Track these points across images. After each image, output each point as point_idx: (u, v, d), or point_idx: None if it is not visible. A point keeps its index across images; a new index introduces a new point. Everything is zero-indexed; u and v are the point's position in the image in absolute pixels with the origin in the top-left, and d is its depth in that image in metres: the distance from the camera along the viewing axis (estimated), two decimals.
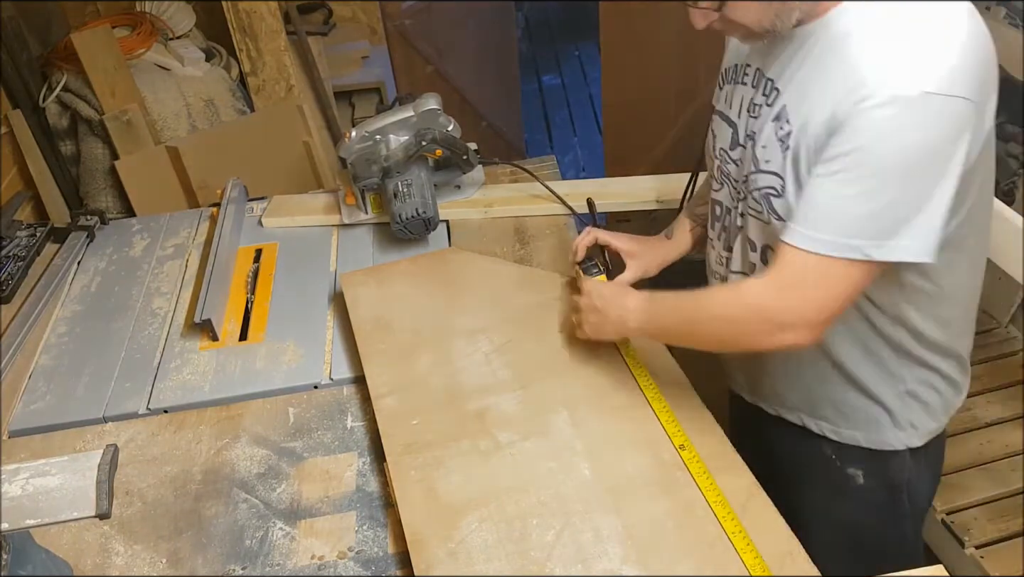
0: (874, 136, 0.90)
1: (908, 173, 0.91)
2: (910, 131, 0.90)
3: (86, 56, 2.21)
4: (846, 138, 0.92)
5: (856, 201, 0.92)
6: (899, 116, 0.89)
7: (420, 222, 1.57)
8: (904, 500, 1.24)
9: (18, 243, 1.75)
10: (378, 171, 1.60)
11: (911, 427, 1.19)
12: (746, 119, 1.10)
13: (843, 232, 0.93)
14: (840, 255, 0.94)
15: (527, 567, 1.01)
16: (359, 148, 1.60)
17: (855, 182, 0.92)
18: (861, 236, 0.93)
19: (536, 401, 1.23)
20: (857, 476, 1.23)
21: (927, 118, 0.89)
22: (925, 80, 0.88)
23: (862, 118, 0.90)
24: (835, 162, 0.93)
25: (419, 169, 1.60)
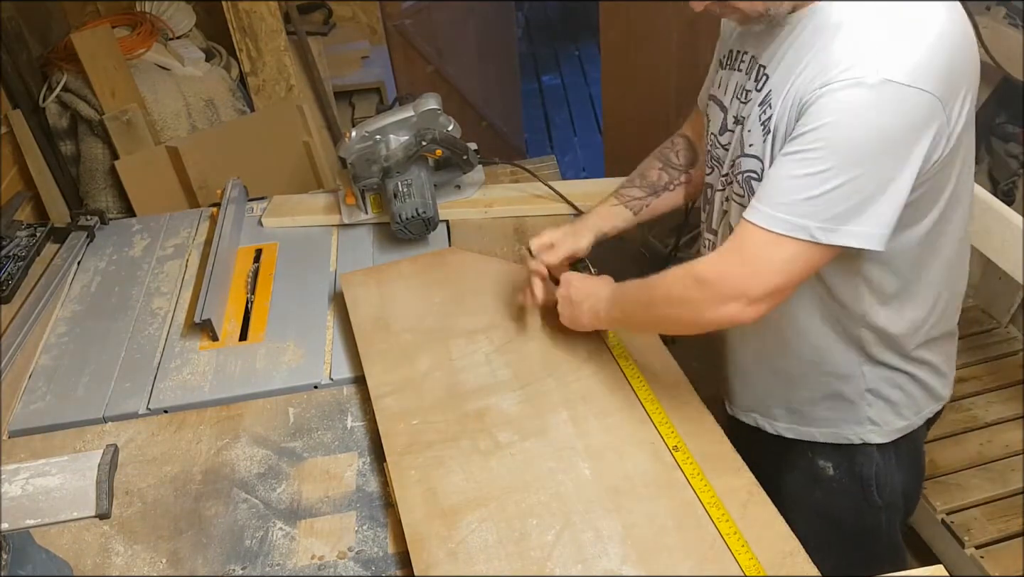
0: (832, 119, 0.92)
1: (863, 158, 0.92)
2: (867, 116, 0.91)
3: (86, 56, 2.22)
4: (808, 120, 0.94)
5: (809, 181, 0.93)
6: (858, 100, 0.91)
7: (420, 222, 1.57)
8: (874, 493, 1.26)
9: (18, 243, 1.75)
10: (378, 171, 1.60)
11: (871, 423, 1.21)
12: (736, 104, 1.12)
13: (793, 211, 0.94)
14: (788, 233, 0.95)
15: (527, 567, 1.01)
16: (359, 148, 1.60)
17: (811, 163, 0.93)
18: (811, 217, 0.94)
19: (536, 401, 1.23)
20: (827, 468, 1.26)
21: (886, 105, 0.90)
22: (887, 68, 0.89)
23: (823, 100, 0.92)
24: (795, 142, 0.95)
25: (419, 169, 1.60)
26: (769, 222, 0.96)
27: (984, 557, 1.71)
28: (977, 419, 1.99)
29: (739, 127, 1.10)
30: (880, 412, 1.20)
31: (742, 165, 1.09)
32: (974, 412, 2.00)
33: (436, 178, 1.66)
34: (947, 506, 1.80)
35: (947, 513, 1.79)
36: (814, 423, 1.24)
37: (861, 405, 1.20)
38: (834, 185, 0.92)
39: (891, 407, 1.20)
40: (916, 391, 1.20)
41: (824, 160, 0.92)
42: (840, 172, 0.92)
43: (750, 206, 0.98)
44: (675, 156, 1.36)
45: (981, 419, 1.99)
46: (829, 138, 0.92)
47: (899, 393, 1.19)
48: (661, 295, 1.09)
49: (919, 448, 1.31)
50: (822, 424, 1.23)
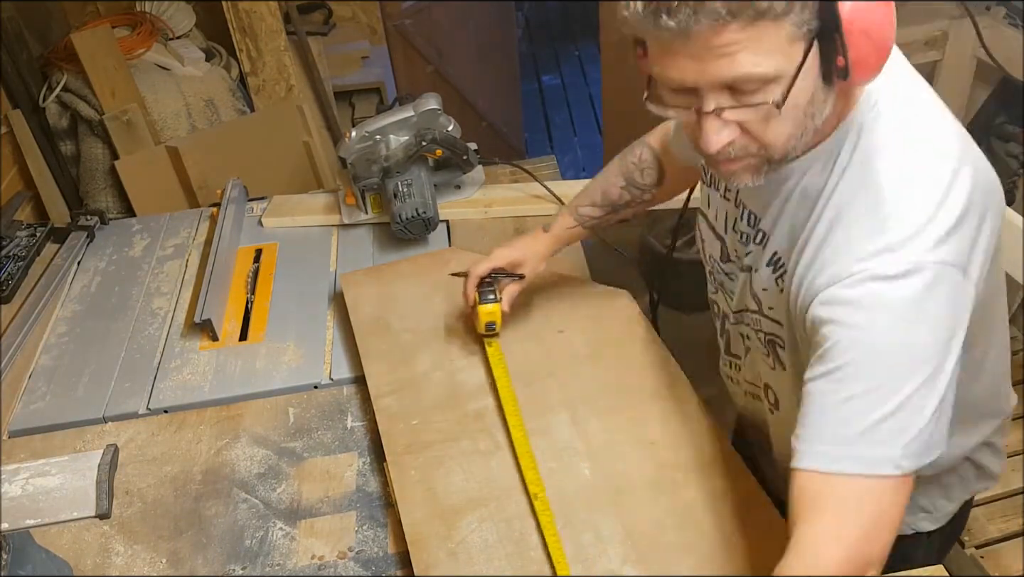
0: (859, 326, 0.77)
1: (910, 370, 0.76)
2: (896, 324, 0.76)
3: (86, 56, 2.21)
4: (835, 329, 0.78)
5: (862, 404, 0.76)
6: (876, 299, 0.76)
7: (420, 222, 1.57)
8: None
9: (18, 243, 1.75)
10: (378, 171, 1.60)
11: (922, 511, 1.10)
12: (733, 239, 1.01)
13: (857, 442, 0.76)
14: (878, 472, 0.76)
15: (527, 567, 1.01)
16: (359, 148, 1.60)
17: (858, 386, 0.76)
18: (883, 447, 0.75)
19: (536, 401, 1.23)
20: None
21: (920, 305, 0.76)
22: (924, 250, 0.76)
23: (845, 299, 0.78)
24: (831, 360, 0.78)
25: (419, 169, 1.60)
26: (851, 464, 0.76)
27: (984, 557, 1.71)
28: None
29: (748, 275, 0.97)
30: (932, 499, 1.10)
31: (761, 324, 0.96)
32: None
33: (436, 178, 1.66)
34: None
35: None
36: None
37: (915, 496, 1.00)
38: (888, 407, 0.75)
39: (943, 491, 1.10)
40: (970, 472, 1.10)
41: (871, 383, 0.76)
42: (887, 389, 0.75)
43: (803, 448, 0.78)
44: (639, 175, 1.25)
45: None
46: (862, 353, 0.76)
47: (954, 476, 1.09)
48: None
49: (960, 526, 1.19)
50: None
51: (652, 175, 1.25)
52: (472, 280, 1.28)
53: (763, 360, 1.01)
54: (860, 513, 0.76)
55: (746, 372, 1.11)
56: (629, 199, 1.28)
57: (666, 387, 1.23)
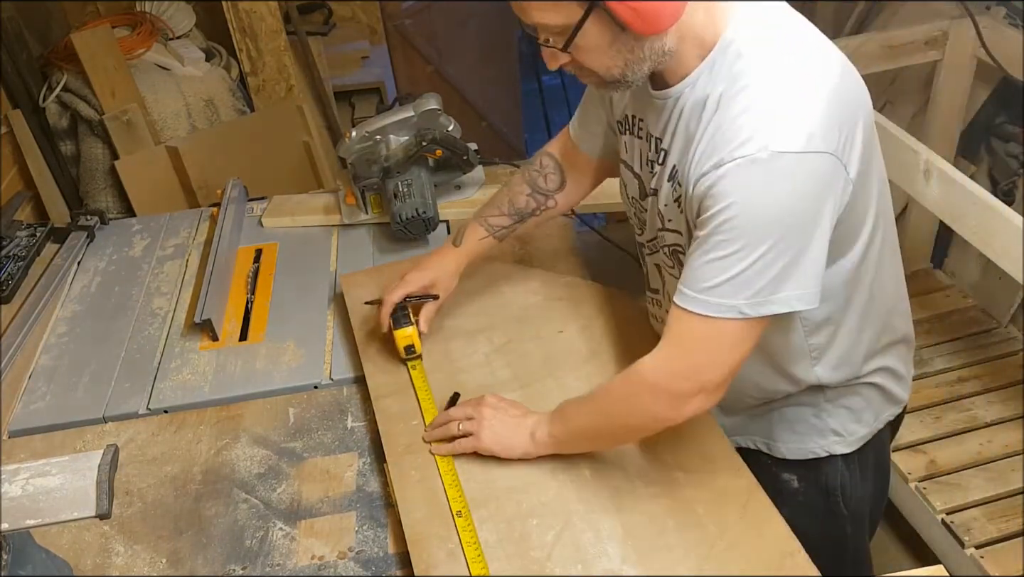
0: (733, 199, 0.91)
1: (772, 233, 0.91)
2: (767, 192, 0.91)
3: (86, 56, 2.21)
4: (711, 202, 0.93)
5: (725, 263, 0.93)
6: (754, 178, 0.90)
7: (420, 222, 1.57)
8: (840, 504, 1.25)
9: (18, 243, 1.75)
10: (378, 171, 1.60)
11: (834, 434, 1.20)
12: (646, 173, 1.11)
13: (719, 294, 0.94)
14: (721, 315, 0.94)
15: (527, 567, 1.01)
16: (359, 148, 1.60)
17: (723, 245, 0.93)
18: (736, 296, 0.93)
19: (536, 401, 1.23)
20: (792, 480, 1.25)
21: (783, 178, 0.90)
22: (778, 141, 0.89)
23: (722, 181, 0.92)
24: (705, 226, 0.94)
25: (419, 169, 1.60)
26: (700, 307, 0.95)
27: (984, 557, 1.71)
28: (977, 419, 1.99)
29: (654, 199, 1.10)
30: (842, 421, 1.20)
31: (666, 239, 1.09)
32: (974, 412, 2.00)
33: (436, 178, 1.65)
34: (947, 506, 1.80)
35: (947, 513, 1.79)
36: (780, 439, 1.23)
37: (823, 417, 1.19)
38: (750, 263, 0.92)
39: (852, 414, 1.20)
40: (874, 395, 1.20)
41: (734, 241, 0.92)
42: (752, 249, 0.92)
43: (678, 292, 0.98)
44: (543, 180, 1.34)
45: (981, 419, 1.99)
46: (734, 218, 0.91)
47: (858, 400, 1.19)
48: (620, 412, 1.07)
49: (884, 455, 1.30)
50: (788, 440, 1.22)
51: (555, 180, 1.34)
52: (386, 308, 1.30)
53: (672, 278, 1.12)
54: (694, 350, 0.99)
55: (666, 303, 1.17)
56: (535, 205, 1.34)
57: None
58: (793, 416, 1.21)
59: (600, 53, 0.96)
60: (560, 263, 1.53)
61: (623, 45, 0.94)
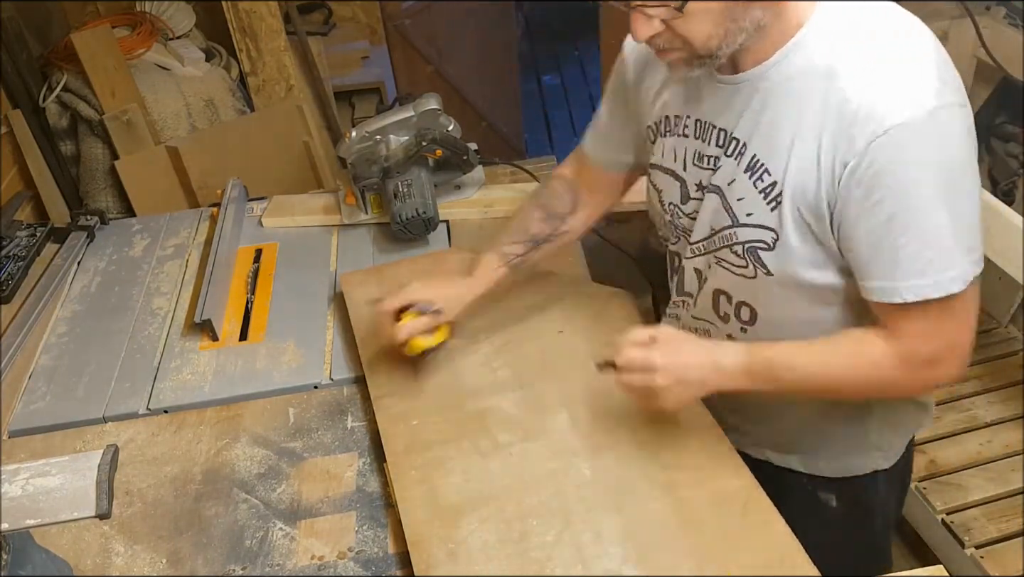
0: (902, 168, 0.88)
1: (957, 184, 0.90)
2: (935, 150, 0.88)
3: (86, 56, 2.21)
4: (878, 180, 0.89)
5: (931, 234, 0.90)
6: (918, 141, 0.87)
7: (420, 222, 1.57)
8: (878, 518, 1.24)
9: (18, 243, 1.75)
10: (378, 171, 1.60)
11: (877, 449, 1.19)
12: (695, 171, 1.07)
13: (941, 266, 0.91)
14: (948, 292, 0.91)
15: (527, 567, 1.01)
16: (359, 148, 1.60)
17: (912, 221, 0.89)
18: (953, 265, 0.91)
19: (536, 401, 1.23)
20: (830, 500, 1.23)
21: (943, 132, 0.88)
22: (927, 98, 0.87)
23: (884, 156, 0.88)
24: (882, 207, 0.90)
25: (419, 169, 1.60)
26: (931, 290, 0.92)
27: (984, 557, 1.71)
28: (977, 419, 1.99)
29: (717, 195, 1.04)
30: (885, 436, 1.18)
31: (738, 235, 1.03)
32: (974, 412, 2.00)
33: (436, 178, 1.65)
34: (947, 506, 1.80)
35: (947, 513, 1.79)
36: (821, 457, 1.20)
37: (867, 433, 1.17)
38: (950, 224, 0.90)
39: (893, 428, 1.18)
40: (915, 410, 1.19)
41: (920, 214, 0.89)
42: (947, 209, 0.89)
43: (887, 288, 0.93)
44: (556, 203, 1.29)
45: (981, 419, 1.99)
46: (910, 191, 0.88)
47: (900, 413, 1.18)
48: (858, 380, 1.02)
49: (908, 467, 1.29)
50: (830, 457, 1.20)
51: (567, 202, 1.30)
52: (386, 316, 1.23)
53: (730, 280, 1.08)
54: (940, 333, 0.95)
55: (695, 309, 1.17)
56: (549, 231, 1.29)
57: None
58: (836, 433, 1.17)
59: (709, 17, 0.90)
60: (560, 263, 1.53)
61: (732, 10, 0.90)
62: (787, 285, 1.03)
